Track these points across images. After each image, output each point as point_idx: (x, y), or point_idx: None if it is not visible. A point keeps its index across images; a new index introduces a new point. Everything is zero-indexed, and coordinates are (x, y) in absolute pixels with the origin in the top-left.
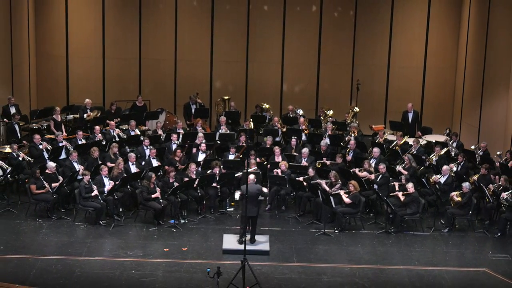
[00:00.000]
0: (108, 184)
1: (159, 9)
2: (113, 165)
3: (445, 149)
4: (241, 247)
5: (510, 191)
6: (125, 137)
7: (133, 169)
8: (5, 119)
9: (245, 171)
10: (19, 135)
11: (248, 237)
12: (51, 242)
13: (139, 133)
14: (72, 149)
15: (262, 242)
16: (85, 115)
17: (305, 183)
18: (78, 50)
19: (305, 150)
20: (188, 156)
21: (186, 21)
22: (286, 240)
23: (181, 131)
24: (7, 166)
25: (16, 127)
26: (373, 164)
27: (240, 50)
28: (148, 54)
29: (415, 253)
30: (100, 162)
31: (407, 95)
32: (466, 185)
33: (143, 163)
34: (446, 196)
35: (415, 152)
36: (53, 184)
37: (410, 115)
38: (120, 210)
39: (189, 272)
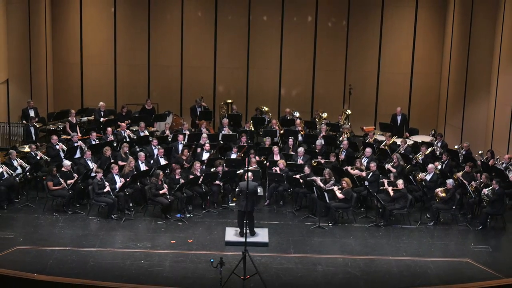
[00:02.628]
0: (119, 181)
1: (167, 20)
2: (124, 163)
3: (431, 149)
4: (242, 239)
5: (490, 188)
6: (135, 137)
7: (143, 167)
8: (24, 121)
9: (246, 169)
10: (33, 136)
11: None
12: (66, 234)
13: (148, 134)
14: (86, 148)
15: (262, 235)
16: (101, 119)
17: (301, 180)
18: (91, 58)
19: (301, 150)
20: (193, 155)
21: (192, 30)
22: (284, 232)
23: (187, 132)
24: (26, 165)
25: (32, 129)
26: (364, 163)
27: (241, 57)
28: (156, 61)
29: (403, 244)
30: (112, 161)
31: (396, 99)
32: (450, 181)
33: (152, 161)
34: (431, 192)
35: (403, 151)
36: (68, 181)
37: (399, 118)
38: (131, 205)
39: (194, 262)
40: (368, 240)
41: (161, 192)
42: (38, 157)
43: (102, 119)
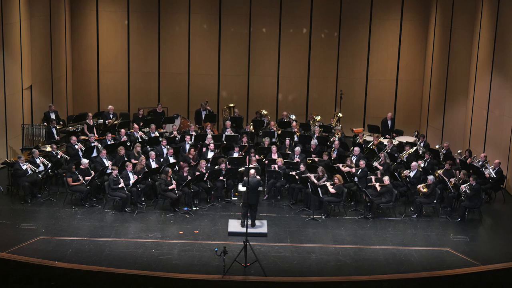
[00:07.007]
0: (133, 178)
1: (175, 31)
2: (136, 161)
3: (414, 148)
4: (244, 230)
5: (468, 183)
6: (146, 138)
7: (153, 165)
8: (45, 123)
9: (247, 166)
10: (56, 136)
11: (249, 222)
12: (84, 226)
13: (158, 135)
14: (102, 148)
15: (261, 226)
16: (106, 121)
17: (297, 177)
18: (107, 66)
19: (297, 149)
20: (199, 154)
21: (198, 41)
22: (281, 224)
23: (193, 133)
24: (48, 163)
25: (54, 130)
26: (354, 161)
27: (243, 65)
28: (166, 69)
29: (389, 235)
30: (125, 159)
31: (383, 103)
32: (430, 178)
33: (162, 160)
34: (415, 187)
35: (389, 150)
36: (86, 177)
37: (390, 122)
38: (143, 199)
39: (200, 251)
40: (357, 231)
41: (170, 187)
42: (58, 156)
43: (107, 121)
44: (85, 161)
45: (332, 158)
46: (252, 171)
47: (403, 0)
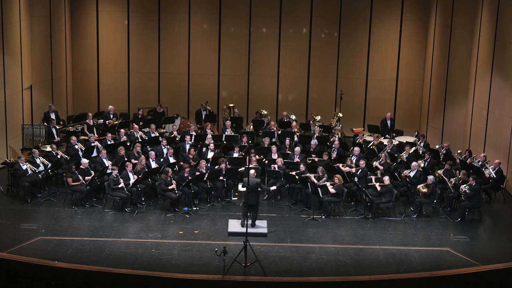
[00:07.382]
0: (133, 178)
1: (175, 31)
2: (136, 161)
3: (414, 148)
4: (244, 230)
5: (468, 183)
6: (146, 138)
7: (153, 165)
8: (45, 123)
9: (247, 166)
10: (56, 136)
11: (250, 222)
12: (84, 226)
13: (158, 135)
14: (102, 148)
15: (261, 226)
16: (107, 122)
17: (297, 177)
18: (107, 66)
19: (297, 149)
20: (199, 154)
21: (198, 41)
22: (281, 224)
23: (193, 133)
24: (48, 163)
25: (54, 130)
26: (354, 161)
27: (243, 65)
28: (166, 69)
29: (389, 235)
30: (125, 159)
31: (383, 103)
32: (430, 177)
33: (162, 160)
34: (415, 187)
35: (389, 150)
36: (86, 177)
37: (389, 122)
38: (142, 199)
39: (200, 251)
40: (357, 231)
41: (170, 187)
42: (58, 156)
43: (108, 121)
44: (85, 161)
45: (332, 158)
46: (252, 171)
47: (403, 0)
